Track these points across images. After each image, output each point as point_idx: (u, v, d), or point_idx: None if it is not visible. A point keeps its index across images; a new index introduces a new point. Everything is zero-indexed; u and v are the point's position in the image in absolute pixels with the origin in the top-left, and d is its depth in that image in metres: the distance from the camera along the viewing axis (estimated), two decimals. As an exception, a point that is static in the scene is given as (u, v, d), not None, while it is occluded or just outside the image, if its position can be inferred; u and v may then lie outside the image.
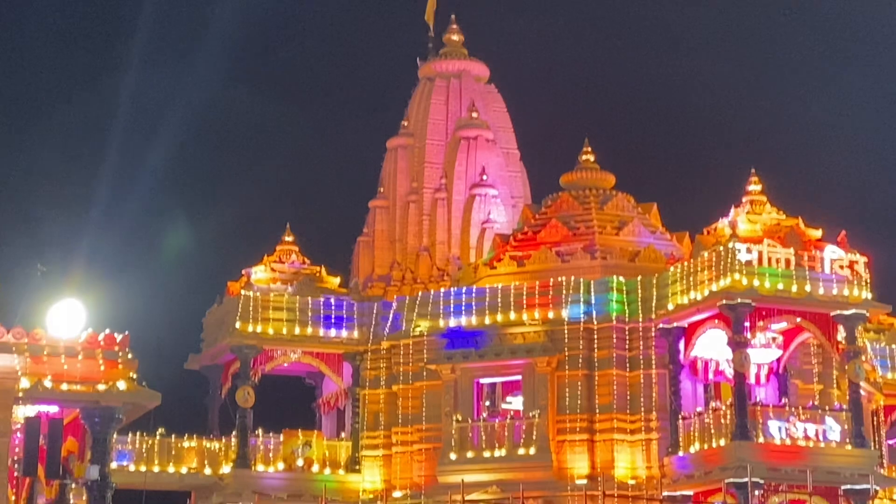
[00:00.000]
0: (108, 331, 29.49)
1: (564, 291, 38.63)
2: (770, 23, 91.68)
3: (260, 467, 38.80)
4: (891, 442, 40.98)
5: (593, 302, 38.58)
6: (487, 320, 39.12)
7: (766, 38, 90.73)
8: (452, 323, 39.43)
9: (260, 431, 39.52)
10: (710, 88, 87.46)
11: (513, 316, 38.96)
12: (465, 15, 47.95)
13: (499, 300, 39.30)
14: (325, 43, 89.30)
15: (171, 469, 39.19)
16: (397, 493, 38.97)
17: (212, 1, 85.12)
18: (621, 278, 39.00)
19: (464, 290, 40.34)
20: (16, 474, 28.91)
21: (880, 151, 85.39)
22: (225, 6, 79.04)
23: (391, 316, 40.64)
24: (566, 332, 38.38)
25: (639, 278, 38.97)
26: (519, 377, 39.04)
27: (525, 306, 38.93)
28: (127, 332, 29.74)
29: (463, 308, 39.69)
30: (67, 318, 29.85)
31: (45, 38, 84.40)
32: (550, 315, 38.57)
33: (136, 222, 62.01)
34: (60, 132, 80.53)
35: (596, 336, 38.35)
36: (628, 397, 37.98)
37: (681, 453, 36.56)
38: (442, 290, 41.14)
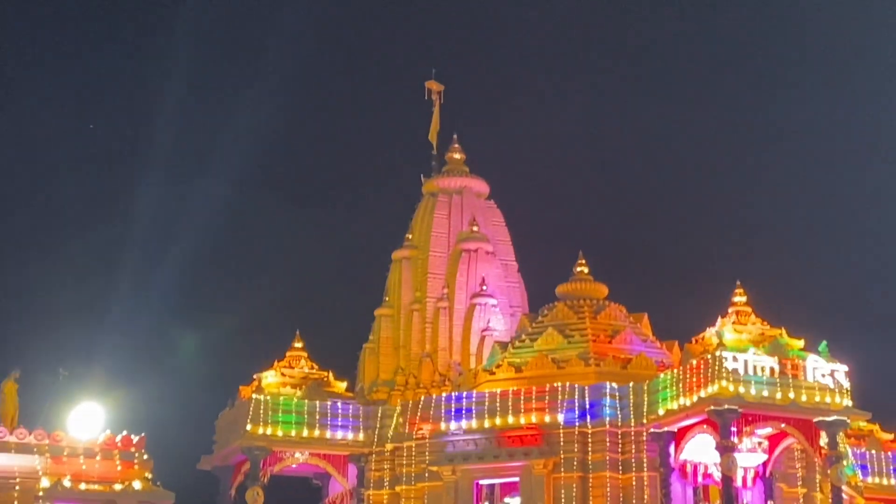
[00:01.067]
0: (125, 433, 29.61)
1: (560, 397, 38.43)
2: (749, 147, 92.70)
3: None
4: None
5: (588, 407, 38.31)
6: (487, 424, 38.96)
7: (750, 160, 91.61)
8: (453, 426, 39.36)
9: None
10: (698, 203, 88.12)
11: (511, 420, 38.87)
12: (466, 134, 48.60)
13: (497, 404, 39.17)
14: (332, 159, 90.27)
15: None
16: None
17: (223, 124, 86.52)
18: (614, 384, 38.83)
19: (464, 395, 40.17)
20: None
21: (863, 266, 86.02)
22: (234, 128, 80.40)
23: (395, 419, 40.60)
24: (562, 435, 38.14)
25: (630, 384, 38.81)
26: (517, 479, 38.69)
27: (523, 411, 38.76)
28: (143, 434, 29.83)
29: (463, 412, 39.58)
30: (87, 420, 29.97)
31: (66, 154, 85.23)
32: (547, 419, 38.34)
33: (151, 329, 62.27)
34: (79, 247, 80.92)
35: (590, 440, 38.07)
36: (621, 499, 37.63)
37: None
38: (443, 394, 40.94)
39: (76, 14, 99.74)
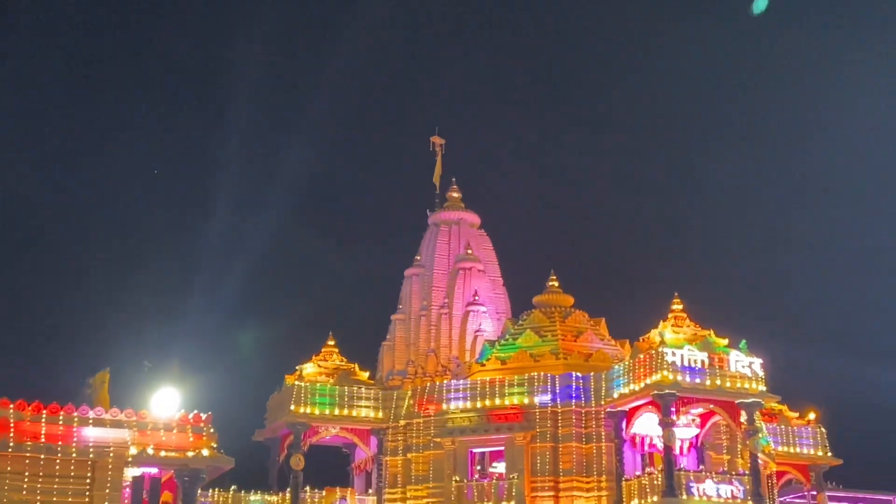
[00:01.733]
0: (195, 412, 29.51)
1: (536, 384, 38.65)
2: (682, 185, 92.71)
3: None
4: (781, 499, 40.51)
5: (558, 391, 38.47)
6: (479, 405, 38.99)
7: (681, 193, 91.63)
8: (452, 407, 39.37)
9: (308, 488, 39.18)
10: (645, 227, 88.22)
11: (498, 401, 38.91)
12: (462, 176, 48.39)
13: (487, 390, 39.22)
14: (358, 198, 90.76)
15: None
16: None
17: (274, 172, 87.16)
18: (579, 374, 38.91)
19: (461, 382, 40.19)
20: None
21: (775, 275, 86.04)
22: (283, 175, 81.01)
23: (407, 401, 40.62)
24: (538, 415, 38.24)
25: (592, 374, 38.88)
26: (502, 448, 38.66)
27: (507, 395, 38.87)
28: (210, 413, 29.75)
29: (460, 395, 39.58)
30: (166, 401, 29.94)
31: (150, 192, 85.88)
32: (526, 401, 38.44)
33: (217, 330, 62.42)
34: (161, 265, 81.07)
35: (560, 417, 38.21)
36: (584, 464, 37.71)
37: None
38: (445, 381, 40.90)
39: (151, 80, 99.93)
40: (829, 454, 42.80)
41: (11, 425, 26.36)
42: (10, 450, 25.87)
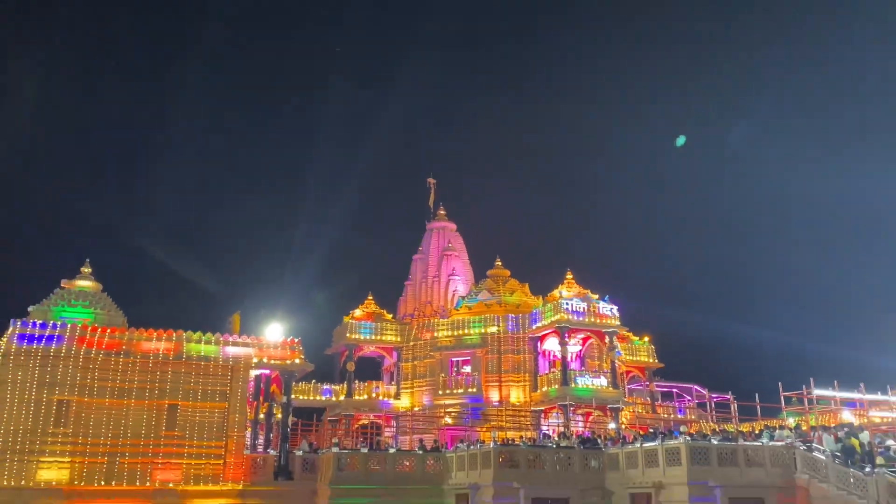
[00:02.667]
0: (291, 337, 30.15)
1: (488, 321, 39.41)
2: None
3: (357, 397, 39.16)
4: (629, 386, 41.53)
5: (501, 325, 39.24)
6: (455, 333, 39.86)
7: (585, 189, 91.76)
8: (438, 335, 40.33)
9: (356, 381, 39.75)
10: (554, 224, 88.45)
11: (466, 331, 39.82)
12: (446, 197, 49.08)
13: (460, 324, 40.11)
14: (389, 214, 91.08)
15: (317, 398, 39.79)
16: (416, 408, 39.36)
17: (330, 195, 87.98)
18: (513, 315, 39.56)
19: (445, 320, 41.00)
20: (250, 399, 29.62)
21: (639, 242, 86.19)
22: (336, 196, 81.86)
23: (416, 330, 41.41)
24: (489, 338, 38.99)
25: (520, 315, 39.49)
26: (469, 358, 39.36)
27: (472, 327, 39.77)
28: (300, 338, 30.37)
29: (444, 328, 40.50)
30: (274, 331, 30.67)
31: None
32: (482, 331, 39.34)
33: (306, 290, 63.05)
34: (272, 247, 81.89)
35: (502, 340, 38.91)
36: (516, 366, 38.46)
37: (538, 391, 37.46)
38: (435, 320, 41.35)
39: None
40: (656, 360, 43.35)
41: (184, 344, 27.52)
42: (184, 358, 27.03)
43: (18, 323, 25.21)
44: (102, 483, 24.43)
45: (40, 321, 25.62)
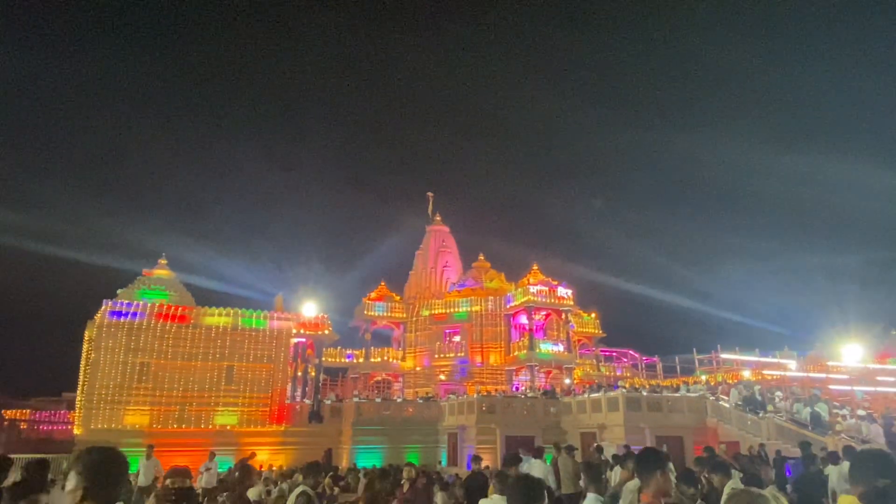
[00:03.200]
0: (322, 313, 30.16)
1: (473, 302, 38.78)
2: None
3: (372, 359, 38.46)
4: (580, 351, 41.10)
5: (483, 305, 38.65)
6: (449, 311, 39.24)
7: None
8: (435, 312, 39.79)
9: (372, 348, 39.06)
10: (527, 226, 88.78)
11: (456, 309, 39.16)
12: (441, 205, 48.47)
13: (452, 303, 39.50)
14: (401, 222, 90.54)
15: (342, 360, 38.88)
16: (417, 368, 38.73)
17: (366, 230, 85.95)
18: (493, 297, 38.85)
19: (440, 300, 40.25)
20: (290, 361, 28.92)
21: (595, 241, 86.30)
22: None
23: (420, 310, 40.76)
24: (474, 315, 38.43)
25: (499, 297, 38.75)
26: (459, 330, 38.81)
27: (461, 306, 39.17)
28: (328, 315, 30.31)
29: (440, 307, 39.89)
30: (309, 309, 30.43)
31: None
32: (469, 309, 38.75)
33: (334, 277, 62.17)
34: (311, 245, 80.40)
35: (484, 316, 38.39)
36: (494, 336, 37.86)
37: (510, 355, 36.81)
38: (432, 301, 40.64)
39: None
40: (600, 331, 42.41)
41: (239, 319, 27.21)
42: (238, 329, 26.78)
43: (109, 303, 24.92)
44: (174, 426, 24.20)
45: (126, 301, 25.30)
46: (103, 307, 24.76)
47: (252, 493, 8.21)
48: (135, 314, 24.79)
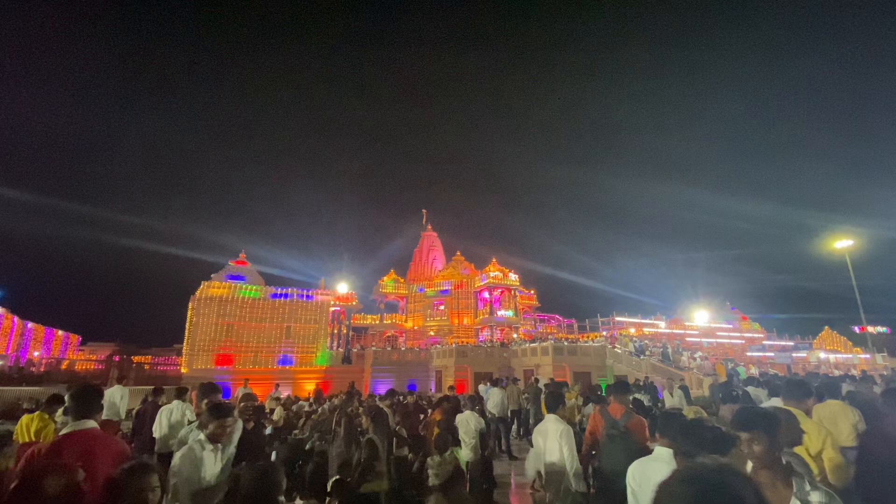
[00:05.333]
0: (351, 291, 29.37)
1: (454, 283, 37.93)
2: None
3: (386, 322, 37.24)
4: (524, 316, 40.51)
5: (461, 286, 38.03)
6: (436, 289, 38.54)
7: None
8: (427, 290, 39.13)
9: (385, 314, 37.81)
10: (490, 228, 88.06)
11: (441, 287, 38.30)
12: (432, 215, 47.95)
13: (437, 284, 38.66)
14: (398, 231, 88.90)
15: (365, 322, 36.78)
16: (415, 327, 37.60)
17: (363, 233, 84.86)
18: (466, 280, 38.06)
19: (431, 282, 39.31)
20: (330, 323, 28.45)
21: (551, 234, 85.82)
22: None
23: (417, 288, 39.77)
24: (454, 292, 37.63)
25: (471, 279, 37.96)
26: (443, 302, 37.91)
27: (444, 285, 38.29)
28: (355, 291, 29.70)
29: (428, 285, 38.96)
30: (342, 287, 29.72)
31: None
32: (450, 287, 37.91)
33: (361, 264, 60.75)
34: (345, 245, 79.19)
35: (460, 293, 37.58)
36: (467, 306, 37.16)
37: (477, 318, 36.10)
38: (424, 282, 39.73)
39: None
40: (537, 302, 41.61)
41: (294, 294, 26.73)
42: (294, 301, 26.32)
43: (204, 283, 24.38)
44: (251, 366, 23.74)
45: (217, 283, 24.74)
46: (201, 286, 24.41)
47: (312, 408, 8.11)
48: (223, 290, 24.21)
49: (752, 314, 38.85)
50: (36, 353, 39.80)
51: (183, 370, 23.21)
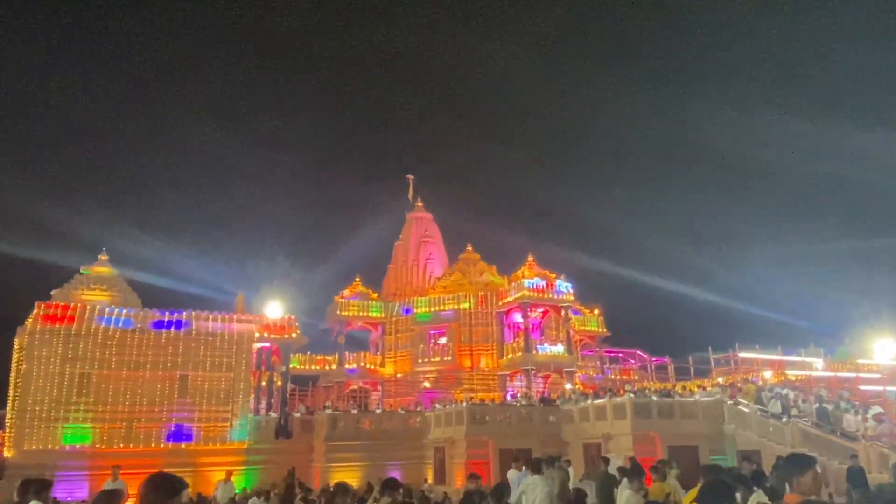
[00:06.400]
0: (289, 315, 30.08)
1: (461, 298, 38.89)
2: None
3: (346, 366, 38.57)
4: (582, 353, 41.46)
5: (471, 302, 38.81)
6: (433, 309, 39.40)
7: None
8: (418, 310, 39.82)
9: (346, 352, 39.22)
10: (517, 212, 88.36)
11: (442, 307, 39.32)
12: (423, 190, 48.26)
13: (437, 300, 39.59)
14: (372, 210, 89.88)
15: (312, 367, 38.66)
16: (399, 375, 38.88)
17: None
18: (482, 293, 39.07)
19: (423, 299, 40.36)
20: (253, 369, 29.09)
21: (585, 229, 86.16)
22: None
23: (403, 309, 40.65)
24: (462, 313, 38.58)
25: (488, 293, 38.95)
26: (445, 331, 38.98)
27: (446, 303, 39.32)
28: (296, 316, 30.23)
29: (423, 305, 39.91)
30: (274, 310, 30.37)
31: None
32: (455, 307, 38.89)
33: (302, 273, 61.66)
34: (273, 237, 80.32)
35: (472, 315, 38.58)
36: (486, 337, 38.13)
37: (504, 358, 37.20)
38: (414, 298, 40.77)
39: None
40: (604, 329, 42.86)
41: (193, 322, 27.08)
42: (193, 334, 26.63)
43: (42, 305, 24.67)
44: (121, 445, 24.09)
45: (62, 303, 25.06)
46: (35, 311, 24.58)
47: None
48: (72, 318, 24.53)
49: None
50: None
51: (6, 453, 23.51)
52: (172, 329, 25.99)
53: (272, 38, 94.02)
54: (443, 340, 39.19)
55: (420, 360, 38.64)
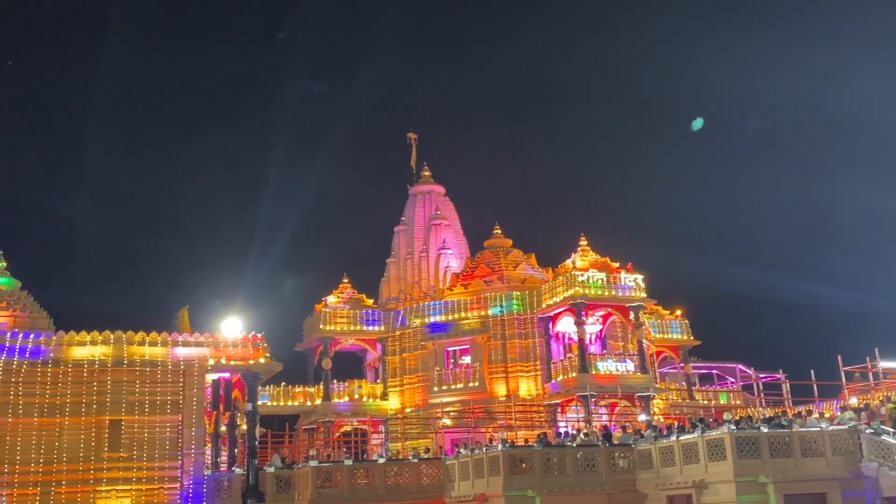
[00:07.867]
0: (253, 332, 30.17)
1: (489, 301, 39.34)
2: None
3: (336, 400, 39.24)
4: (660, 370, 41.70)
5: (503, 306, 39.24)
6: (450, 317, 39.93)
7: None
8: (431, 320, 40.32)
9: (335, 381, 39.83)
10: (557, 184, 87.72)
11: (463, 314, 39.78)
12: (432, 158, 48.81)
13: (456, 306, 40.09)
14: (368, 182, 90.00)
15: (289, 403, 39.70)
16: (408, 410, 39.50)
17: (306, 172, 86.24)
18: (518, 292, 39.59)
19: (437, 303, 40.90)
20: (208, 409, 29.42)
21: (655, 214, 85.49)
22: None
23: (400, 318, 41.45)
24: (491, 322, 39.03)
25: (527, 292, 39.52)
26: (468, 346, 39.47)
27: (469, 309, 39.77)
28: (263, 333, 30.39)
29: (437, 311, 40.49)
30: (232, 326, 30.56)
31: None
32: (482, 314, 39.34)
33: (269, 277, 62.40)
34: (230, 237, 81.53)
35: (506, 323, 38.97)
36: (524, 354, 38.62)
37: (552, 381, 37.45)
38: (425, 303, 41.37)
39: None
40: (691, 337, 43.42)
41: (124, 347, 27.27)
42: (125, 364, 26.83)
43: (-81, 331, 25.00)
44: (32, 521, 24.37)
45: (-54, 328, 25.37)
46: None
47: None
48: (-39, 348, 24.85)
49: None
50: None
51: None
52: (98, 358, 26.15)
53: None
54: (466, 360, 39.56)
55: (436, 389, 39.07)
